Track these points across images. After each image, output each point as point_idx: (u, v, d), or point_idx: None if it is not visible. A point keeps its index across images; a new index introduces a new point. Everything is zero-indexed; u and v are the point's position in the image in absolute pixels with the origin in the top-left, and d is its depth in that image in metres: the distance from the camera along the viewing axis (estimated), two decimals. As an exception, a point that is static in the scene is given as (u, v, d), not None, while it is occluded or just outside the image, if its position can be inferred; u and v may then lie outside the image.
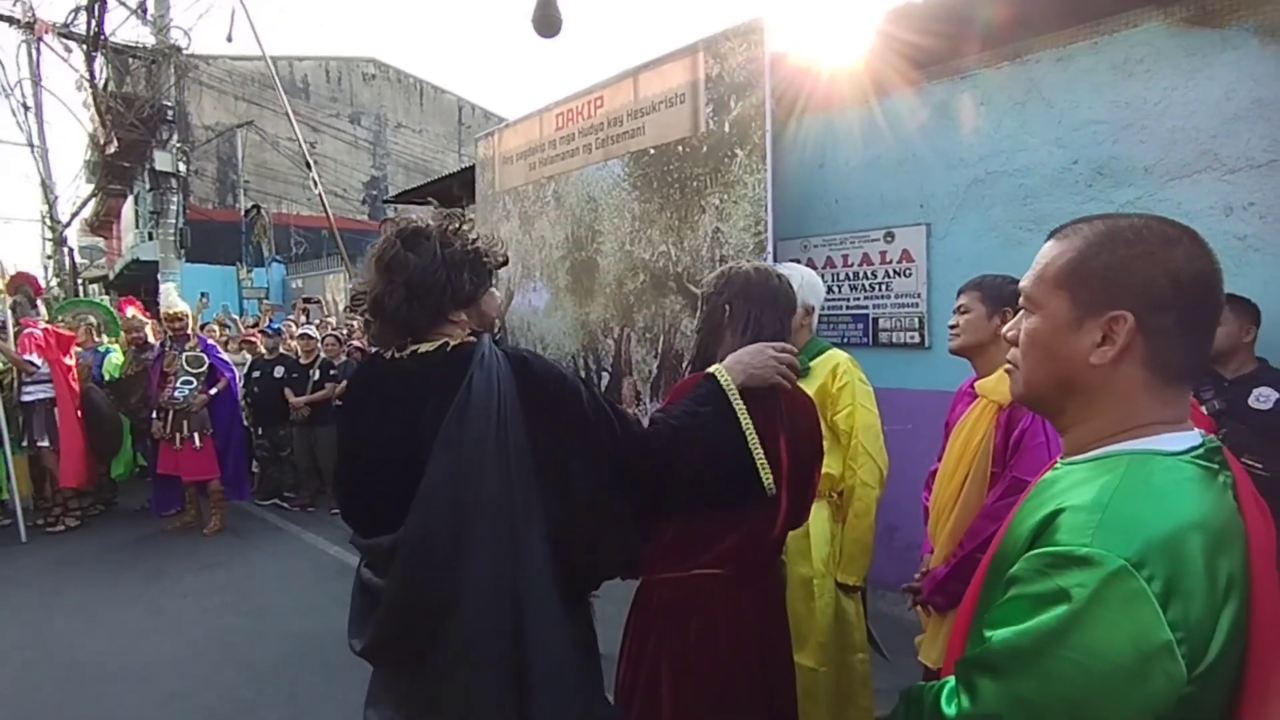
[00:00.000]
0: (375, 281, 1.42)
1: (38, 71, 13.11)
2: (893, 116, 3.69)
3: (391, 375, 1.45)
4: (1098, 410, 0.85)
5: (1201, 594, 0.70)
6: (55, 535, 5.55)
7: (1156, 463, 0.79)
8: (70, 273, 17.60)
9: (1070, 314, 0.84)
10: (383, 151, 18.18)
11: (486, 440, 1.30)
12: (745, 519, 1.57)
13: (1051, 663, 0.73)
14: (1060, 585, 0.74)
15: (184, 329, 5.59)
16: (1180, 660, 0.69)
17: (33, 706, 3.06)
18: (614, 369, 4.58)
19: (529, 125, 5.32)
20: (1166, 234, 0.81)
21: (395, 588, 1.33)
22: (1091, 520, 0.75)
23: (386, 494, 1.37)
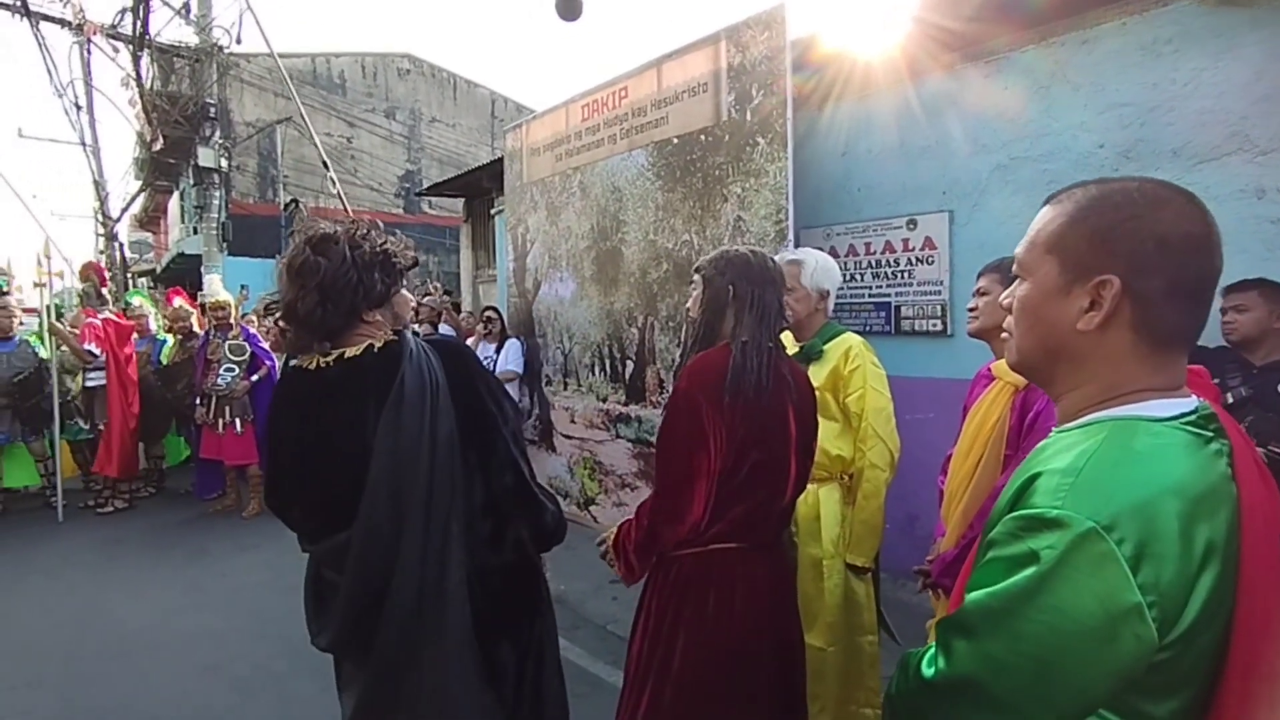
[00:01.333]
0: (288, 288, 1.45)
1: (88, 72, 13.56)
2: (915, 103, 3.66)
3: (320, 382, 1.47)
4: (1087, 377, 0.84)
5: (1174, 559, 0.70)
6: (105, 516, 5.80)
7: (1141, 428, 0.78)
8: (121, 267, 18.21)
9: (1059, 279, 0.84)
10: (417, 145, 18.43)
11: (421, 431, 1.40)
12: (753, 490, 1.62)
13: (1021, 623, 0.74)
14: (1031, 547, 0.74)
15: (227, 318, 5.78)
16: (1151, 624, 0.69)
17: (82, 672, 3.24)
18: (638, 358, 4.63)
19: (555, 117, 5.38)
20: (1157, 196, 0.79)
21: (350, 579, 1.41)
22: (1065, 483, 0.75)
23: (336, 496, 1.44)
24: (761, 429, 1.63)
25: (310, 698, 2.94)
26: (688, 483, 1.59)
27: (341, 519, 1.41)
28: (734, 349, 1.63)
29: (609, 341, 4.87)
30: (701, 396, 1.58)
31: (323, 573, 1.53)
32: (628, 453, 4.69)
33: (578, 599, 3.96)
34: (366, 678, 1.45)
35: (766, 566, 1.70)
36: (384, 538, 1.39)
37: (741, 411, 1.58)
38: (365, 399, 1.42)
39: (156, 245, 23.74)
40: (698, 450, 1.58)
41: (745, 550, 1.65)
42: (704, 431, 1.57)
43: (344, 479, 1.42)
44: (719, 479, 1.60)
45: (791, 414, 1.69)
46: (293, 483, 1.52)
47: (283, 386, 1.57)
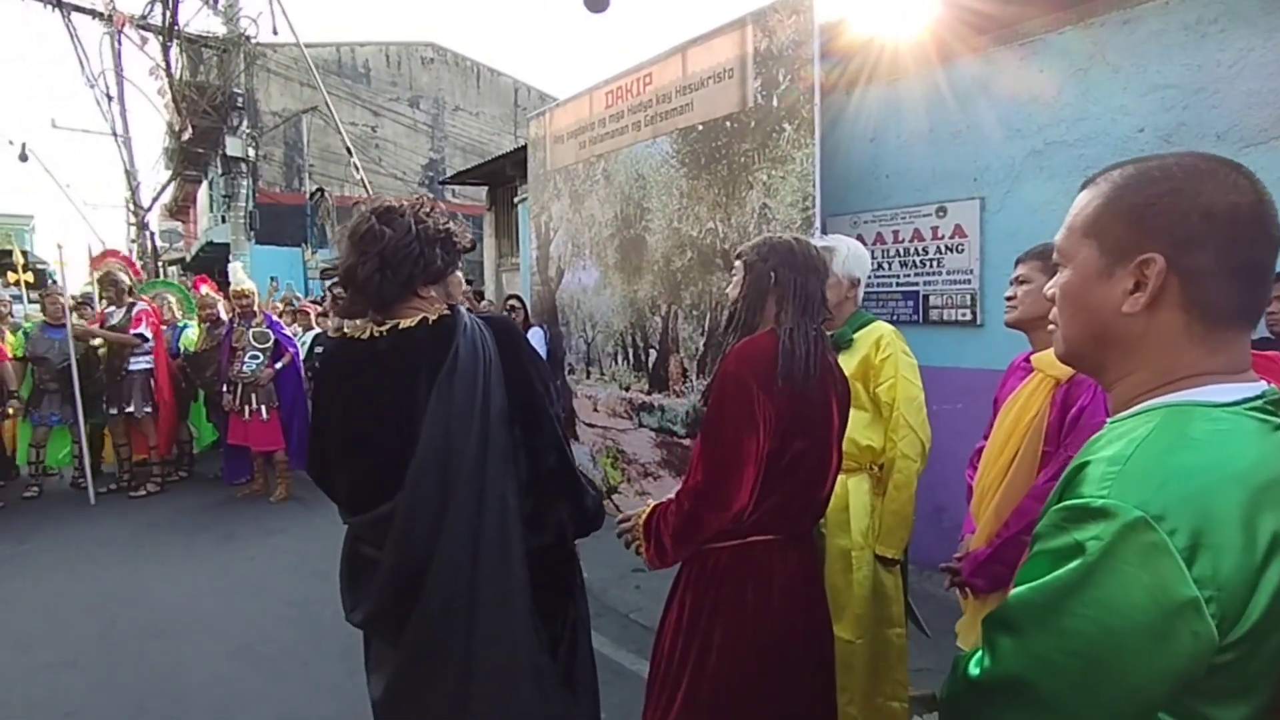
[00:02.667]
0: (348, 254, 1.47)
1: (119, 62, 13.75)
2: (947, 87, 3.58)
3: (373, 352, 1.47)
4: (1138, 363, 0.79)
5: (1235, 550, 0.65)
6: (138, 499, 5.92)
7: (1198, 413, 0.73)
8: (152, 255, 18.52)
9: (1100, 262, 0.80)
10: (441, 134, 18.48)
11: (472, 404, 1.41)
12: (793, 478, 1.61)
13: (1067, 619, 0.70)
14: (1076, 539, 0.70)
15: (250, 306, 5.85)
16: (1210, 620, 0.64)
17: (116, 651, 3.31)
18: (661, 346, 4.60)
19: (579, 104, 5.34)
20: (1198, 168, 0.75)
21: (392, 551, 1.40)
22: (1111, 471, 0.71)
23: (382, 466, 1.43)
24: (807, 417, 1.60)
25: (337, 681, 2.98)
26: (736, 467, 1.55)
27: (387, 489, 1.41)
28: (781, 335, 1.60)
29: (632, 330, 4.85)
30: (753, 380, 1.56)
31: (359, 548, 1.54)
32: (650, 441, 4.68)
33: (600, 587, 3.97)
34: (403, 654, 1.44)
35: (802, 559, 1.68)
36: (430, 509, 1.39)
37: (789, 398, 1.56)
38: (417, 370, 1.43)
39: (186, 234, 24.11)
40: (747, 434, 1.54)
41: (783, 542, 1.64)
42: (754, 415, 1.54)
43: (392, 448, 1.42)
44: (764, 467, 1.58)
45: (835, 403, 1.68)
46: (339, 450, 1.52)
47: (331, 354, 1.58)
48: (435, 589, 1.39)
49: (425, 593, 1.39)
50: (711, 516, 1.58)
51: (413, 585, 1.40)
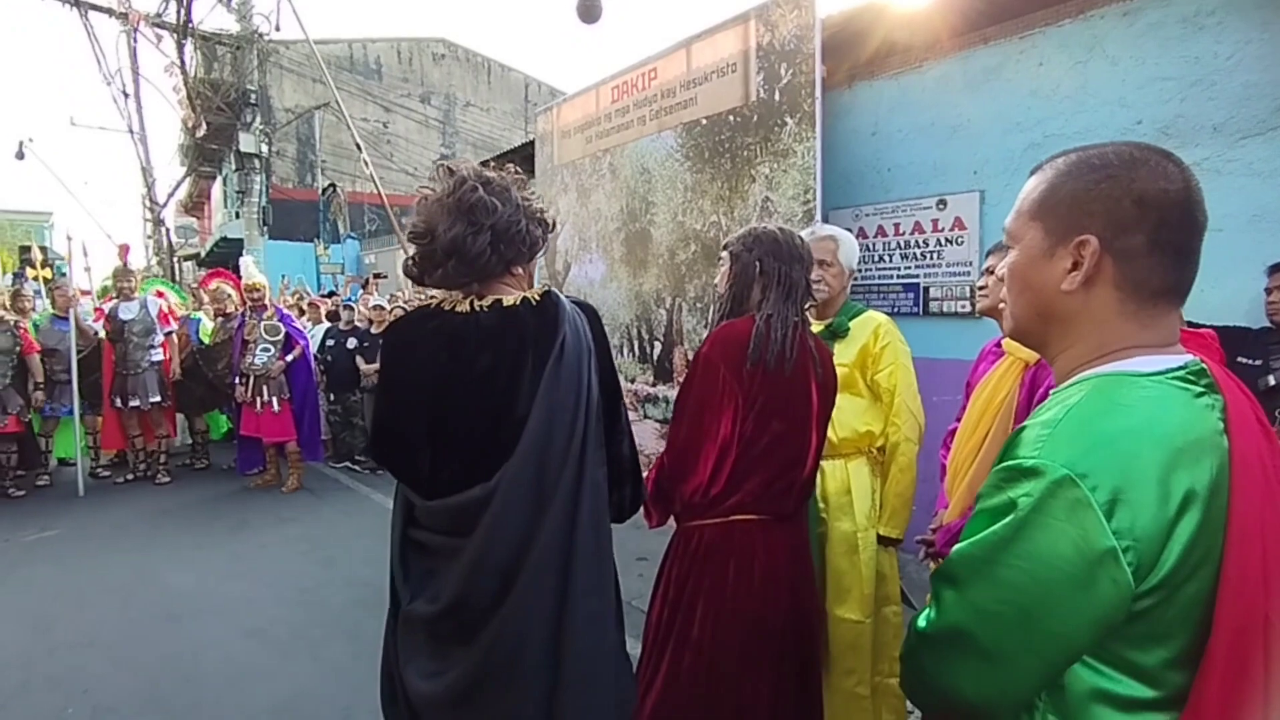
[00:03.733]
0: (453, 222, 1.38)
1: (135, 60, 13.91)
2: (948, 81, 3.60)
3: (474, 326, 1.40)
4: (1076, 337, 0.85)
5: (1150, 505, 0.71)
6: (157, 487, 6.08)
7: (1125, 381, 0.79)
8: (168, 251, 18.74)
9: (1043, 244, 0.85)
10: (452, 130, 18.59)
11: (577, 391, 1.38)
12: (772, 460, 1.65)
13: (1002, 570, 0.76)
14: (1010, 496, 0.77)
15: (262, 299, 5.94)
16: (1126, 568, 0.70)
17: (133, 632, 3.40)
18: (665, 338, 4.66)
19: (586, 99, 5.40)
20: (1133, 156, 0.81)
21: (485, 537, 1.34)
22: (1043, 434, 0.77)
23: (472, 447, 1.38)
24: (783, 400, 1.65)
25: (344, 663, 3.06)
26: (695, 443, 1.63)
27: (476, 472, 1.35)
28: (758, 320, 1.65)
29: (638, 322, 4.91)
30: (721, 363, 1.62)
31: (413, 534, 1.47)
32: (655, 433, 4.74)
33: (604, 575, 4.03)
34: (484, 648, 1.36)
35: (786, 538, 1.73)
36: (527, 497, 1.35)
37: (762, 381, 1.61)
38: (525, 350, 1.37)
39: (201, 230, 24.36)
40: (708, 414, 1.61)
41: (766, 522, 1.69)
42: (718, 396, 1.60)
43: (485, 429, 1.37)
44: (739, 448, 1.63)
45: (814, 387, 1.72)
46: (428, 429, 1.41)
47: (421, 327, 1.45)
48: (533, 578, 1.34)
49: (520, 583, 1.34)
50: (672, 486, 1.67)
51: (499, 574, 1.35)
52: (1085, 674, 0.76)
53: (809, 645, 1.75)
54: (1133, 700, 0.75)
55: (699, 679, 1.64)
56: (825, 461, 2.29)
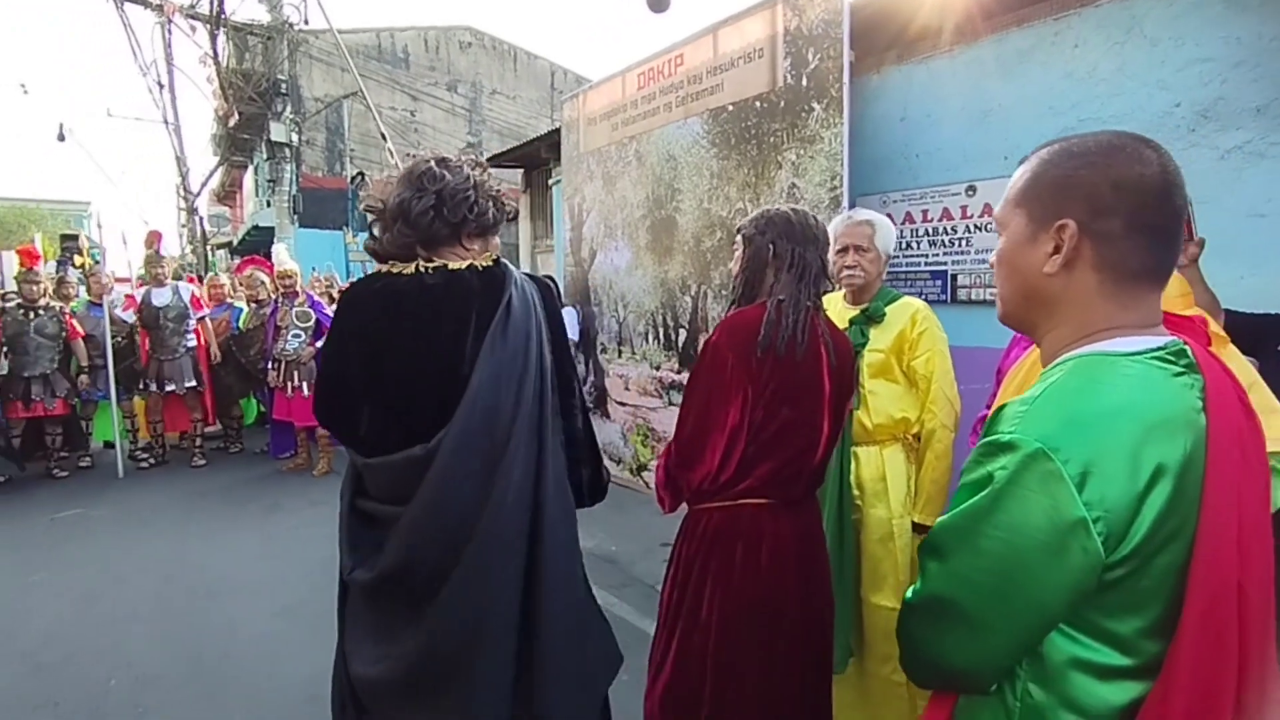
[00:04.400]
0: (403, 190, 1.45)
1: (169, 51, 14.15)
2: (979, 65, 3.54)
3: (419, 287, 1.42)
4: (1060, 319, 0.89)
5: (1120, 478, 0.74)
6: (193, 470, 6.25)
7: (1105, 361, 0.82)
8: (201, 239, 19.11)
9: (1027, 229, 0.89)
10: (478, 118, 18.65)
11: (525, 356, 1.40)
12: (783, 446, 1.65)
13: (981, 540, 0.81)
14: (989, 470, 0.81)
15: (293, 286, 6.05)
16: (1096, 538, 0.74)
17: (170, 610, 3.52)
18: (690, 325, 4.66)
19: (612, 86, 5.39)
20: (1111, 144, 0.84)
21: (430, 497, 1.33)
22: (1020, 410, 0.81)
23: (414, 405, 1.39)
24: (794, 387, 1.64)
25: (375, 640, 3.13)
26: (703, 433, 1.63)
27: (417, 431, 1.36)
28: (769, 306, 1.64)
29: (663, 310, 4.91)
30: (730, 351, 1.61)
31: (359, 504, 1.47)
32: (679, 420, 4.75)
33: (628, 559, 4.07)
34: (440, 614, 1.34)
35: (794, 523, 1.72)
36: (474, 458, 1.34)
37: (772, 368, 1.60)
38: (468, 313, 1.40)
39: (233, 219, 24.79)
40: (716, 402, 1.61)
41: (774, 506, 1.68)
42: (726, 385, 1.60)
43: (429, 388, 1.38)
44: (748, 435, 1.63)
45: (826, 373, 1.69)
46: (366, 383, 1.43)
47: (365, 285, 1.48)
48: (488, 547, 1.33)
49: (471, 553, 1.33)
50: (680, 474, 1.67)
51: (445, 542, 1.33)
52: (1063, 642, 0.80)
53: (820, 629, 1.75)
54: (1109, 668, 0.78)
55: (706, 660, 1.66)
56: (860, 448, 2.29)
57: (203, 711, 2.67)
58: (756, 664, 1.64)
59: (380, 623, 1.44)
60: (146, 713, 2.66)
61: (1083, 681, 0.79)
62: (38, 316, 5.69)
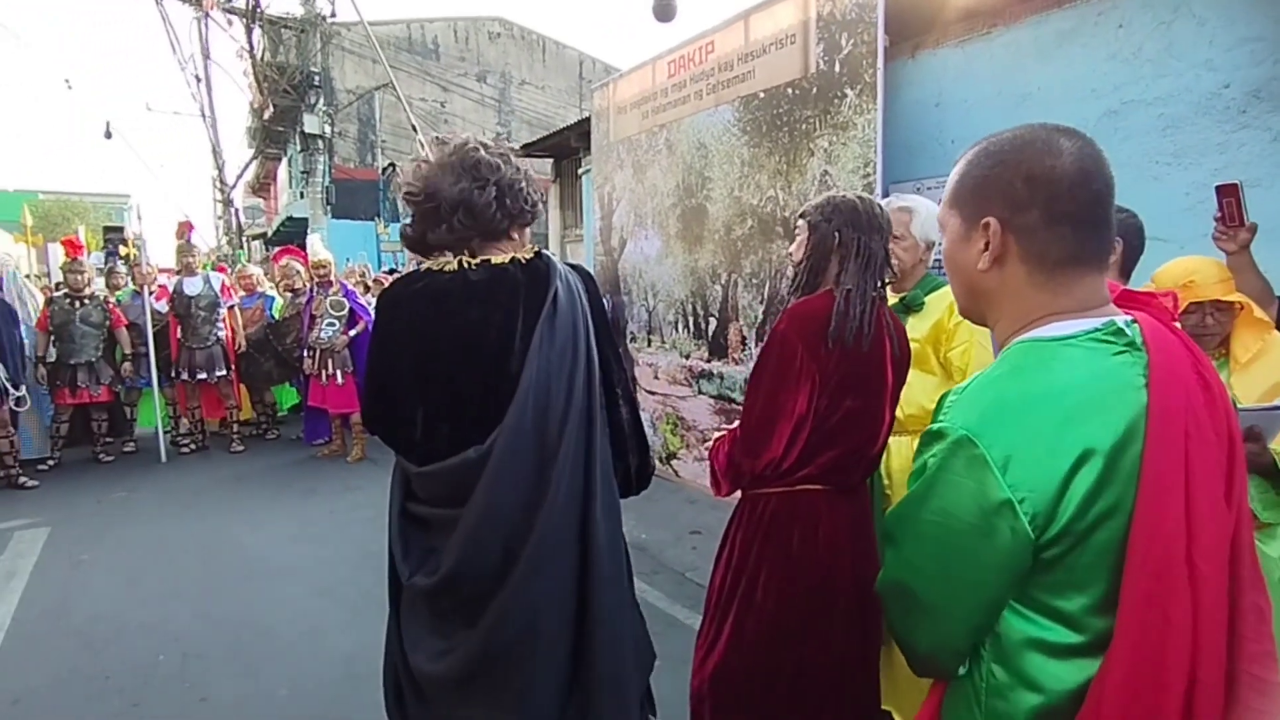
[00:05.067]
0: (457, 178, 1.38)
1: (206, 46, 14.42)
2: (1017, 48, 3.47)
3: (464, 284, 1.38)
4: (1001, 311, 0.92)
5: (1044, 460, 0.76)
6: (232, 455, 6.42)
7: (1035, 347, 0.85)
8: (236, 231, 19.50)
9: (961, 229, 0.92)
10: (507, 108, 18.73)
11: (573, 348, 1.38)
12: (846, 436, 1.66)
13: (920, 525, 0.85)
14: (925, 458, 0.85)
15: (327, 275, 6.15)
16: (1023, 518, 0.76)
17: (215, 588, 3.63)
18: (720, 314, 4.65)
19: (642, 74, 5.38)
20: (1024, 138, 0.87)
21: (486, 500, 1.31)
22: (952, 400, 0.86)
23: (470, 404, 1.36)
24: (859, 377, 1.65)
25: (410, 622, 3.19)
26: (769, 421, 1.63)
27: (473, 433, 1.33)
28: (838, 296, 1.64)
29: (692, 299, 4.91)
30: (799, 341, 1.61)
31: (411, 508, 1.44)
32: (709, 408, 4.75)
33: (658, 547, 4.09)
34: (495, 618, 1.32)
35: (849, 508, 1.74)
36: (527, 455, 1.32)
37: (839, 358, 1.61)
38: (515, 308, 1.37)
39: (267, 210, 25.22)
40: (782, 391, 1.61)
41: (830, 492, 1.70)
42: (794, 374, 1.60)
43: (481, 388, 1.35)
44: (813, 423, 1.63)
45: (890, 364, 1.70)
46: (418, 387, 1.40)
47: (409, 287, 1.43)
48: (542, 547, 1.32)
49: (526, 554, 1.32)
50: (744, 461, 1.67)
51: (500, 545, 1.33)
52: (1017, 622, 0.82)
53: (871, 612, 1.76)
54: (1061, 646, 0.80)
55: (761, 642, 1.67)
56: (891, 438, 2.27)
57: (246, 686, 2.75)
58: (810, 647, 1.66)
59: (438, 621, 1.42)
60: (193, 687, 2.75)
61: (1038, 660, 0.81)
62: (83, 306, 5.86)
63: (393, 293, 1.46)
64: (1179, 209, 2.81)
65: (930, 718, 0.94)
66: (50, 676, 2.82)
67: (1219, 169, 2.79)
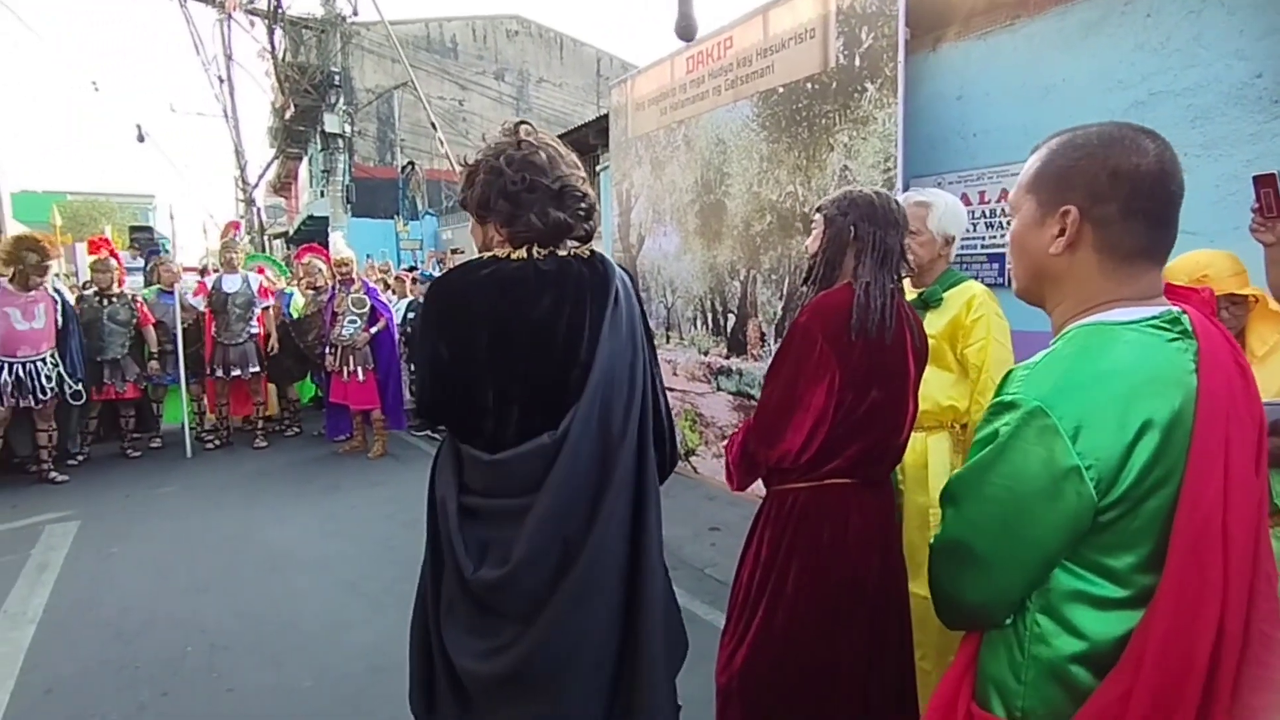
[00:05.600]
0: (567, 169, 1.44)
1: (229, 46, 14.58)
2: (1041, 38, 3.42)
3: (533, 271, 1.38)
4: (1065, 294, 0.98)
5: (1110, 431, 0.84)
6: (255, 451, 6.52)
7: (1101, 330, 0.91)
8: (259, 230, 19.72)
9: (1035, 213, 0.98)
10: (525, 106, 18.77)
11: (631, 342, 1.41)
12: (871, 428, 1.66)
13: (986, 488, 0.93)
14: (995, 427, 0.92)
15: (350, 273, 6.21)
16: (1089, 483, 0.84)
17: (241, 580, 3.69)
18: (739, 311, 4.64)
19: (660, 70, 5.37)
20: (1111, 135, 0.92)
21: (560, 486, 1.31)
22: (1023, 374, 0.92)
23: (538, 395, 1.36)
24: (882, 369, 1.65)
25: (432, 615, 3.23)
26: (786, 411, 1.63)
27: (545, 419, 1.33)
28: (857, 289, 1.64)
29: (711, 295, 4.90)
30: (820, 334, 1.62)
31: (467, 501, 1.40)
32: (728, 405, 4.74)
33: (677, 543, 4.10)
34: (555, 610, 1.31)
35: (877, 502, 1.74)
36: (594, 451, 1.34)
37: (862, 350, 1.61)
38: (584, 297, 1.38)
39: (288, 209, 25.49)
40: (800, 382, 1.62)
41: (858, 486, 1.70)
42: (813, 366, 1.60)
43: (552, 376, 1.35)
44: (838, 416, 1.63)
45: (911, 355, 1.71)
46: (487, 373, 1.36)
47: (473, 274, 1.39)
48: (601, 548, 1.33)
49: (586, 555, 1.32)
50: (760, 451, 1.68)
51: (562, 538, 1.33)
52: (1065, 577, 0.90)
53: (901, 606, 1.76)
54: (1106, 599, 0.88)
55: (790, 637, 1.66)
56: (904, 432, 2.26)
57: (272, 677, 2.79)
58: (842, 642, 1.65)
59: (489, 619, 1.37)
60: (220, 677, 2.80)
61: (1083, 611, 0.89)
62: (111, 304, 5.97)
63: (454, 283, 1.41)
64: (1208, 202, 2.76)
65: (966, 665, 1.02)
66: (81, 666, 2.88)
67: (1251, 160, 2.74)
